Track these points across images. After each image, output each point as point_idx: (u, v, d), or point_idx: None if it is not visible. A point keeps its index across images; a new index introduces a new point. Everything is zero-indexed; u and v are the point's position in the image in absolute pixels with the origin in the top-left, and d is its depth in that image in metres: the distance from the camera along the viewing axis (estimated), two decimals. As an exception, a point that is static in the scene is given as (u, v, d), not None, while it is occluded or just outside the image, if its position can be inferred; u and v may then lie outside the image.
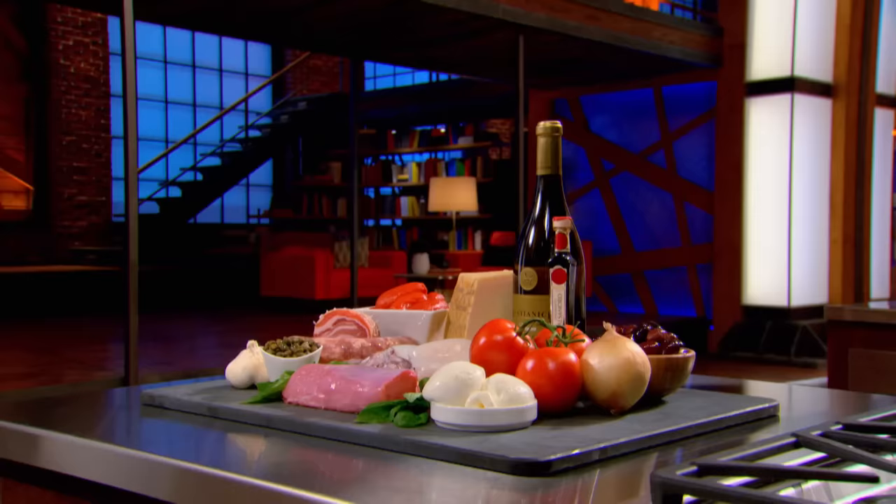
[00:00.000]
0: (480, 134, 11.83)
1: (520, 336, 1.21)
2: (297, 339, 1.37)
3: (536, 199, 1.39)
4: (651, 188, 9.64)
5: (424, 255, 8.55)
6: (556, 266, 1.31)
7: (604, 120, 9.98)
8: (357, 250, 8.62)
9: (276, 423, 1.19)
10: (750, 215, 8.91)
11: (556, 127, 1.39)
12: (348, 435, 1.11)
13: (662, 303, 9.69)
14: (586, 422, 1.13)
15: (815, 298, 9.02)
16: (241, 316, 9.32)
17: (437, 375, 1.13)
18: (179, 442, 1.20)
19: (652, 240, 9.73)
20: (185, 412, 1.30)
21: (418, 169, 12.00)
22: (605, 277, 9.81)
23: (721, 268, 9.03)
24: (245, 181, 13.45)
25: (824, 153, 8.92)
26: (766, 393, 1.48)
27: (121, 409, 1.42)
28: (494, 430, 1.07)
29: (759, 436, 1.15)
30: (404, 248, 11.47)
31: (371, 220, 12.67)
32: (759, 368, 8.32)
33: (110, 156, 11.75)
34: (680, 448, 1.07)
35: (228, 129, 13.24)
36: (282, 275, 9.36)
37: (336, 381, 1.22)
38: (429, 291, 1.58)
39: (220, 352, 7.09)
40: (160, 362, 6.12)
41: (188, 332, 8.23)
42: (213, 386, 1.41)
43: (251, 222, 13.22)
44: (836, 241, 8.99)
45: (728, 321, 8.97)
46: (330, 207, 12.27)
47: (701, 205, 9.35)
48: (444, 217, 10.98)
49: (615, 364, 1.16)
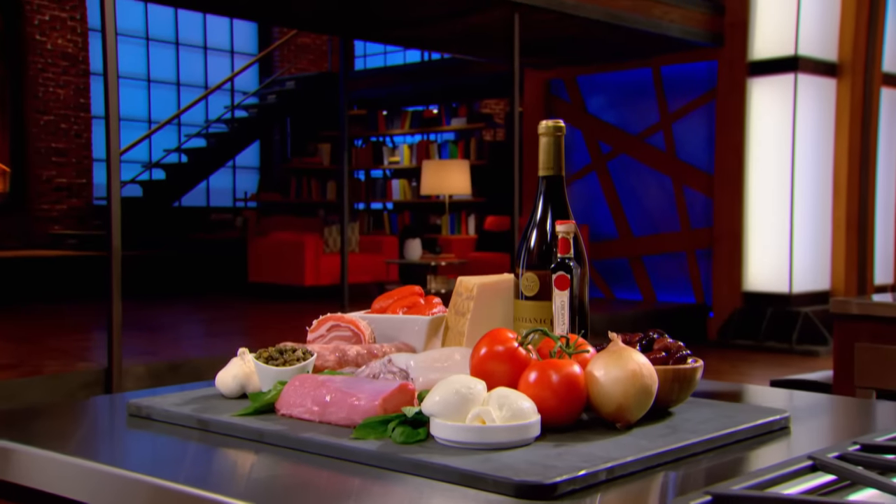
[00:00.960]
0: (474, 115, 11.79)
1: (522, 346, 1.20)
2: (289, 347, 1.36)
3: (538, 201, 1.37)
4: (649, 171, 9.63)
5: (416, 241, 8.53)
6: (559, 272, 1.30)
7: (601, 101, 9.95)
8: (347, 235, 8.59)
9: (268, 437, 1.17)
10: (751, 199, 8.91)
11: (559, 126, 1.37)
12: (344, 452, 1.09)
13: (661, 289, 9.70)
14: (591, 437, 1.12)
15: (818, 284, 9.04)
16: (227, 303, 9.30)
17: (436, 390, 1.11)
18: (166, 458, 1.18)
19: (650, 224, 9.73)
20: (172, 424, 1.28)
21: (410, 151, 11.96)
22: (602, 263, 9.81)
23: (721, 253, 9.04)
24: (231, 163, 13.39)
25: (828, 135, 8.91)
26: (776, 401, 1.47)
27: (105, 420, 1.40)
28: (496, 448, 1.06)
29: (772, 451, 1.14)
30: (396, 232, 11.45)
31: (361, 204, 12.64)
32: (760, 357, 8.35)
33: (91, 136, 11.67)
34: (689, 466, 1.06)
35: (214, 110, 13.16)
36: (270, 260, 9.34)
37: (331, 394, 1.21)
38: (425, 293, 1.56)
39: (207, 341, 7.08)
40: (144, 352, 6.10)
41: (173, 320, 8.21)
42: (202, 395, 1.39)
43: (238, 206, 13.16)
44: (839, 225, 9.00)
45: (728, 308, 8.99)
46: (319, 190, 12.23)
47: (701, 188, 9.34)
48: (437, 201, 10.96)
49: (621, 376, 1.15)
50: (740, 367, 7.94)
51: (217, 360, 6.04)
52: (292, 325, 7.70)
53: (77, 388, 5.27)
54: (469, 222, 10.92)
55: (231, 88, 13.18)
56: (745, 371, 7.81)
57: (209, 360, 5.84)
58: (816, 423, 1.32)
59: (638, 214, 9.79)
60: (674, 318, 8.99)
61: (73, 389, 5.25)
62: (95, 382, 5.34)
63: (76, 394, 5.24)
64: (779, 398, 1.60)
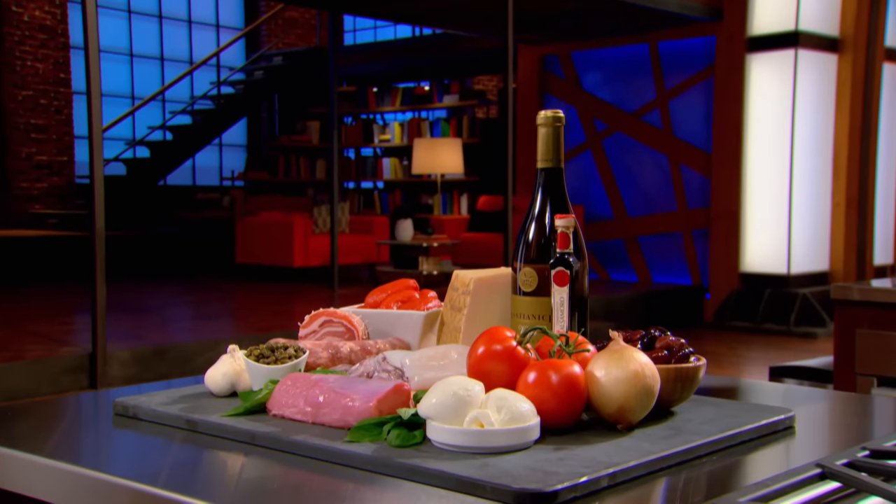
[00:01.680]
0: (466, 92, 11.74)
1: (520, 345, 1.19)
2: (281, 345, 1.34)
3: (536, 194, 1.36)
4: (645, 150, 9.62)
5: (408, 221, 8.52)
6: (559, 268, 1.29)
7: (596, 77, 9.91)
8: (337, 215, 8.58)
9: (259, 439, 1.16)
10: (749, 178, 8.91)
11: (558, 117, 1.36)
12: (338, 456, 1.08)
13: (656, 270, 9.72)
14: (592, 439, 1.11)
15: (816, 265, 9.06)
16: (214, 285, 9.28)
17: (433, 391, 1.10)
18: (152, 461, 1.17)
19: (646, 204, 9.73)
20: (160, 424, 1.27)
21: (401, 129, 11.92)
22: (596, 244, 9.81)
23: (718, 233, 9.05)
24: (218, 141, 13.32)
25: (828, 112, 8.90)
26: (779, 397, 1.47)
27: (90, 419, 1.39)
28: (495, 452, 1.05)
29: (777, 455, 1.13)
30: (387, 212, 11.43)
31: (351, 183, 12.60)
32: (757, 339, 8.38)
33: (72, 113, 11.58)
34: (693, 471, 1.05)
35: (199, 86, 13.06)
36: (258, 241, 9.31)
37: (324, 394, 1.20)
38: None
39: (194, 324, 7.07)
40: (130, 336, 6.08)
41: (159, 303, 8.19)
42: (191, 393, 1.38)
43: (225, 185, 13.11)
44: (838, 204, 9.02)
45: (725, 289, 9.01)
46: (308, 169, 12.18)
47: (698, 167, 9.33)
48: (429, 180, 10.93)
49: (622, 377, 1.14)
50: (737, 349, 7.96)
51: (205, 345, 6.03)
52: (281, 308, 7.69)
53: (60, 374, 5.25)
54: (461, 202, 10.90)
55: (217, 64, 13.09)
56: (742, 354, 7.84)
57: (197, 345, 5.83)
58: (821, 422, 1.31)
59: (633, 194, 9.79)
60: (670, 299, 9.01)
61: (55, 375, 5.24)
62: (79, 368, 5.33)
63: (59, 380, 5.23)
64: (782, 394, 1.60)
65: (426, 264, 8.48)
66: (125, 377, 5.47)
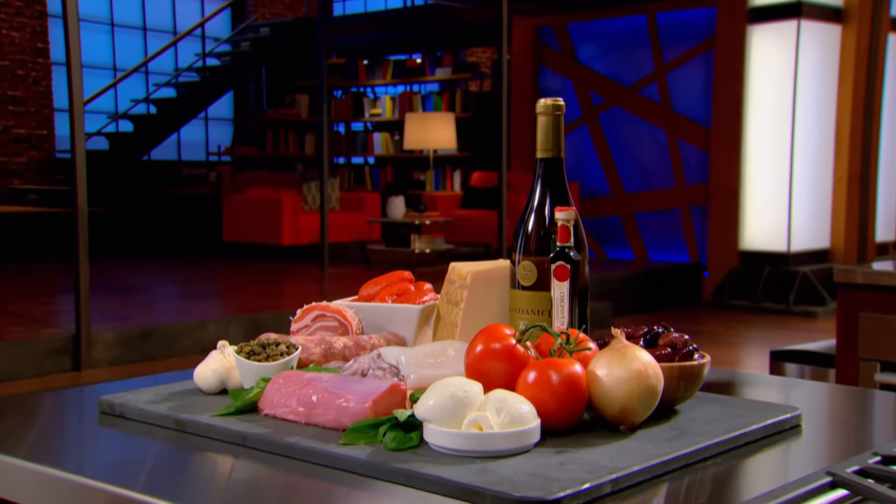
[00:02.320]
0: (459, 65, 11.68)
1: (520, 343, 1.18)
2: (272, 341, 1.33)
3: (536, 186, 1.35)
4: (643, 124, 9.59)
5: (400, 198, 8.49)
6: (559, 262, 1.28)
7: (593, 50, 9.86)
8: (327, 192, 8.55)
9: (251, 441, 1.15)
10: (749, 153, 8.90)
11: (558, 105, 1.34)
12: (332, 459, 1.08)
13: (654, 248, 9.72)
14: (594, 442, 1.10)
15: (817, 242, 9.08)
16: (201, 263, 9.26)
17: (430, 393, 1.09)
18: (139, 464, 1.15)
19: (643, 180, 9.72)
20: (148, 423, 1.26)
21: (392, 103, 11.86)
22: (592, 221, 9.81)
23: (717, 210, 9.05)
24: (203, 115, 13.24)
25: (831, 85, 8.88)
26: (784, 392, 1.47)
27: (74, 418, 1.38)
28: (494, 456, 1.04)
29: (785, 457, 1.13)
30: (378, 188, 11.39)
31: (341, 158, 12.55)
32: (756, 318, 8.40)
33: (51, 85, 11.48)
34: (698, 474, 1.05)
35: (184, 58, 12.96)
36: (246, 218, 9.28)
37: (318, 394, 1.19)
38: (414, 281, 1.54)
39: (180, 304, 7.05)
40: (115, 317, 6.07)
41: (144, 282, 8.16)
42: (179, 390, 1.37)
43: (211, 160, 13.05)
44: (840, 179, 9.02)
45: (723, 267, 9.02)
46: (297, 144, 12.13)
47: (696, 142, 9.32)
48: (421, 155, 10.90)
49: (625, 377, 1.14)
50: (736, 328, 7.99)
51: (191, 326, 6.01)
52: (270, 288, 7.68)
53: (43, 356, 5.24)
54: (454, 178, 10.88)
55: (202, 34, 12.99)
56: (740, 333, 7.87)
57: (183, 326, 5.82)
58: (827, 420, 1.31)
59: (630, 170, 9.77)
60: (667, 277, 9.02)
61: (38, 357, 5.22)
62: (63, 350, 5.31)
63: (42, 362, 5.22)
64: (786, 389, 1.60)
65: (418, 242, 8.47)
66: (110, 359, 5.46)
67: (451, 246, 8.93)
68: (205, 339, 5.82)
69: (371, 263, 8.99)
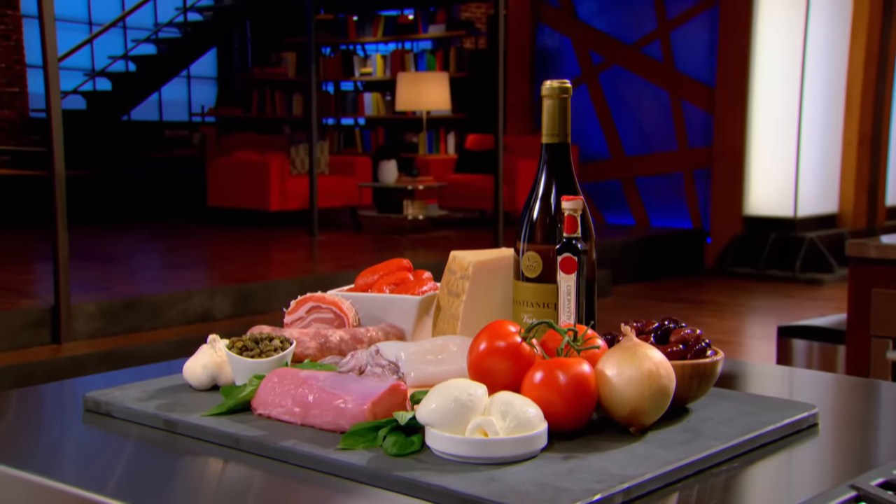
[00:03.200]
0: (453, 21, 11.57)
1: (525, 341, 1.17)
2: (265, 335, 1.32)
3: (541, 172, 1.33)
4: (645, 84, 9.54)
5: (392, 162, 8.46)
6: (566, 253, 1.26)
7: (593, 6, 9.78)
8: (316, 155, 8.51)
9: (244, 444, 1.14)
10: (755, 114, 8.87)
11: (565, 87, 1.32)
12: (331, 466, 1.07)
13: (655, 213, 9.72)
14: (603, 445, 1.10)
15: (825, 207, 9.08)
16: (185, 230, 9.22)
17: (432, 396, 1.08)
18: (125, 469, 1.13)
19: (644, 143, 9.69)
20: (135, 423, 1.25)
21: (383, 61, 11.77)
22: (591, 185, 9.79)
23: (721, 174, 9.04)
24: (185, 73, 13.11)
25: (843, 43, 8.83)
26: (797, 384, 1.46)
27: (56, 416, 1.36)
28: (500, 463, 1.04)
29: (803, 461, 1.13)
30: (369, 151, 11.34)
31: (331, 119, 12.47)
32: (761, 286, 8.42)
33: (22, 39, 11.33)
34: (712, 480, 1.04)
35: (164, 12, 12.80)
36: (231, 182, 9.24)
37: (314, 393, 1.18)
38: (413, 269, 1.52)
39: (164, 274, 7.03)
40: (96, 287, 6.05)
41: (126, 250, 8.13)
42: (168, 386, 1.36)
43: (194, 121, 12.95)
44: (850, 141, 9.00)
45: (727, 233, 9.03)
46: (284, 105, 12.05)
47: (700, 103, 9.28)
48: (413, 117, 10.83)
49: (635, 377, 1.13)
50: (739, 297, 8.01)
51: (176, 297, 5.97)
52: (258, 256, 7.66)
53: (21, 329, 5.22)
54: (448, 141, 10.82)
55: (183, -13, 12.83)
56: (744, 303, 7.89)
57: (167, 297, 5.80)
58: (845, 418, 1.31)
59: (631, 132, 9.74)
60: (669, 244, 9.03)
61: (15, 330, 5.20)
62: (41, 322, 5.29)
63: (20, 335, 5.20)
64: (800, 381, 1.59)
65: (411, 208, 8.45)
66: (91, 331, 5.45)
67: (445, 212, 8.91)
68: (190, 310, 5.80)
69: (362, 230, 8.97)
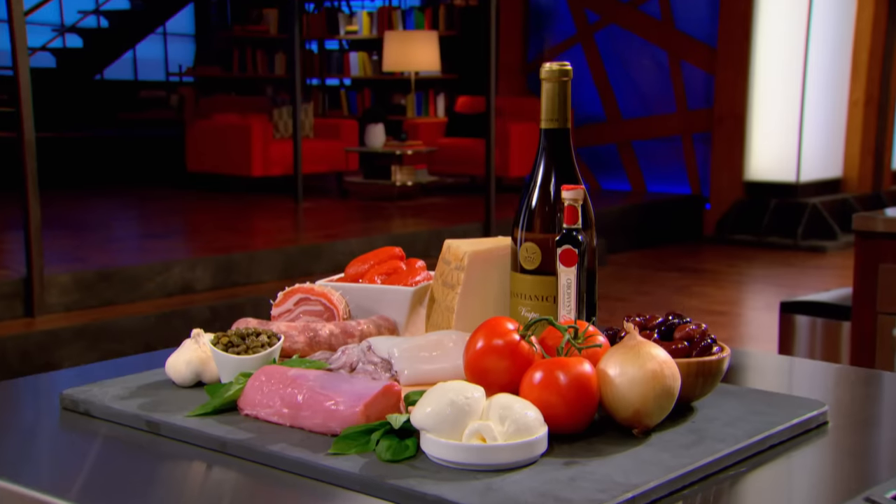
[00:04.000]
0: (443, -24, 11.49)
1: (524, 339, 1.16)
2: (252, 330, 1.31)
3: (539, 159, 1.31)
4: (643, 44, 9.49)
5: (379, 126, 8.42)
6: (566, 245, 1.25)
7: (590, -40, 9.71)
8: (300, 117, 8.46)
9: (231, 448, 1.14)
10: (757, 75, 8.84)
11: (565, 70, 1.30)
12: (321, 472, 1.06)
13: (652, 178, 9.72)
14: (605, 449, 1.09)
15: (828, 172, 9.09)
16: (164, 196, 9.18)
17: (427, 398, 1.08)
18: (107, 477, 1.12)
19: (642, 105, 9.66)
20: (116, 423, 1.24)
21: (370, 19, 11.68)
22: (586, 149, 9.77)
23: (721, 137, 9.03)
24: (162, 30, 12.99)
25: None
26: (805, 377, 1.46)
27: (31, 417, 1.34)
28: (498, 470, 1.03)
29: (813, 465, 1.13)
30: (355, 113, 11.28)
31: (315, 80, 12.38)
32: (761, 254, 8.44)
33: (-18, -10, 11.19)
34: (718, 486, 1.04)
35: (138, -35, 12.68)
36: (212, 147, 9.18)
37: (303, 393, 1.17)
38: (405, 258, 1.51)
39: (142, 243, 7.00)
40: (70, 258, 6.02)
41: (101, 218, 8.09)
42: (150, 382, 1.35)
43: (171, 81, 12.85)
44: (856, 103, 8.99)
45: (727, 199, 9.04)
46: (266, 64, 11.96)
47: (700, 63, 9.24)
48: (401, 77, 10.76)
49: (639, 377, 1.12)
50: (739, 266, 8.03)
51: (154, 268, 5.94)
52: (241, 225, 7.64)
53: (-8, 302, 5.20)
54: (438, 103, 10.77)
55: (158, -61, 12.67)
56: (744, 271, 7.91)
57: (146, 268, 5.78)
58: (854, 415, 1.31)
59: (628, 93, 9.70)
60: (666, 211, 9.03)
61: (-13, 303, 5.18)
62: (13, 294, 5.27)
63: (-8, 308, 5.18)
64: (807, 374, 1.60)
65: (400, 174, 8.42)
66: (66, 304, 5.43)
67: (434, 178, 8.88)
68: (169, 282, 5.79)
69: (349, 196, 8.95)
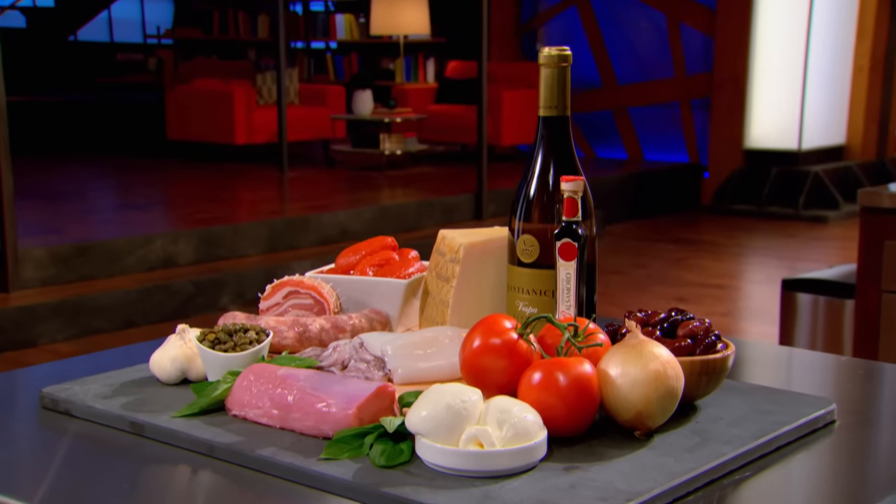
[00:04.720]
0: (432, -67, 11.38)
1: (522, 338, 1.16)
2: (240, 326, 1.30)
3: (538, 148, 1.30)
4: (639, 6, 9.45)
5: (367, 92, 8.38)
6: (565, 239, 1.25)
7: (585, -82, 9.64)
8: (285, 83, 8.42)
9: (219, 452, 1.13)
10: (758, 38, 8.81)
11: (564, 55, 1.29)
12: (313, 478, 1.06)
13: (649, 146, 9.71)
14: (605, 453, 1.10)
15: (831, 139, 9.09)
16: (143, 165, 9.14)
17: (423, 402, 1.07)
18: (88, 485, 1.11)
19: (639, 70, 9.62)
20: (99, 424, 1.23)
21: (356, -22, 11.60)
22: (581, 116, 9.74)
23: (721, 103, 9.01)
24: (138, -11, 12.88)
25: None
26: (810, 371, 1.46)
27: (8, 417, 1.33)
28: (496, 476, 1.03)
29: (820, 466, 1.13)
30: (342, 79, 11.21)
31: (300, 43, 12.29)
32: (761, 224, 8.46)
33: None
34: (724, 492, 1.05)
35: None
36: (193, 113, 9.12)
37: (294, 394, 1.17)
38: (398, 248, 1.50)
39: (121, 215, 6.98)
40: (46, 230, 6.01)
41: (78, 188, 8.06)
42: (134, 379, 1.34)
43: (149, 43, 12.74)
44: (861, 67, 8.97)
45: (726, 168, 9.04)
46: (248, 26, 11.85)
47: (700, 26, 9.21)
48: (390, 41, 10.69)
49: (641, 378, 1.12)
50: (738, 237, 8.05)
51: (134, 241, 5.94)
52: (224, 195, 7.62)
53: (-35, 277, 5.19)
54: (428, 68, 10.70)
55: None
56: (743, 243, 7.93)
57: (125, 242, 5.77)
58: (860, 414, 1.31)
59: (624, 58, 9.66)
60: (663, 179, 9.03)
61: (-41, 278, 5.17)
62: (-12, 269, 5.26)
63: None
64: (811, 368, 1.60)
65: (388, 143, 8.39)
66: (42, 279, 5.42)
67: (424, 146, 8.86)
68: (150, 256, 5.78)
69: (336, 166, 8.92)
